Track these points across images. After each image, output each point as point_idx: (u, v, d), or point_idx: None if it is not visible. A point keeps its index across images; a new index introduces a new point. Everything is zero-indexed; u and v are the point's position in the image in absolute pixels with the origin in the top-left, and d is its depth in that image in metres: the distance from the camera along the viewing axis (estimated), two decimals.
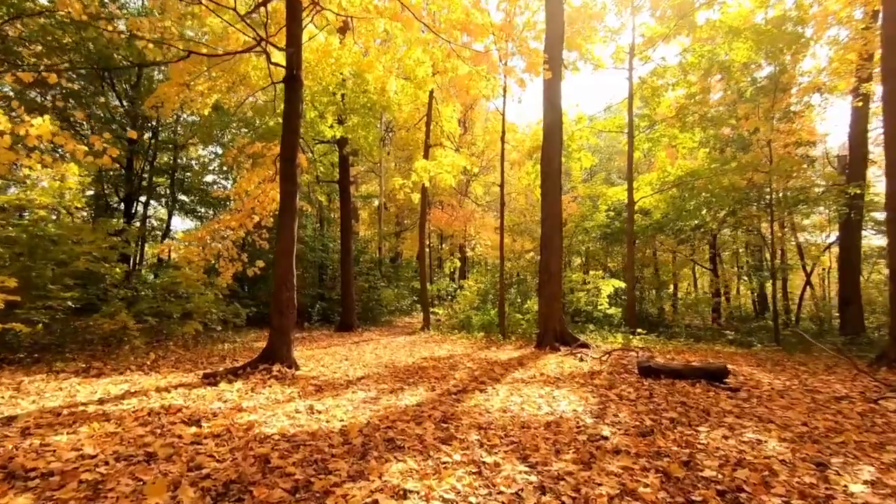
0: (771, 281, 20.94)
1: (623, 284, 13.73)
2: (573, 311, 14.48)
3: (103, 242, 10.01)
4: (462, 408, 4.90)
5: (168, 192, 18.91)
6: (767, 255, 23.32)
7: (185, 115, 17.40)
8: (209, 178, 17.70)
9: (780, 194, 15.16)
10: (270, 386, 5.68)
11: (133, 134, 6.67)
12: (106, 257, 10.25)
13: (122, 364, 7.03)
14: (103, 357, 7.47)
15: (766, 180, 14.20)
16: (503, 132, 13.09)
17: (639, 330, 11.79)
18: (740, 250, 23.03)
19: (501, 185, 12.84)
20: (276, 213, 10.42)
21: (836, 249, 19.90)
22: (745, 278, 21.74)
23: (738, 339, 12.74)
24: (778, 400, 5.25)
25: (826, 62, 14.44)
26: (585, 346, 9.84)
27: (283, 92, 7.44)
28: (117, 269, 10.08)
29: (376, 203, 25.78)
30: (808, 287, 20.18)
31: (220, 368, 6.99)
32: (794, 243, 20.95)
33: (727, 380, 6.11)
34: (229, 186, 15.90)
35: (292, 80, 7.10)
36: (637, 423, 4.38)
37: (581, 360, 8.05)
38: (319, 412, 4.66)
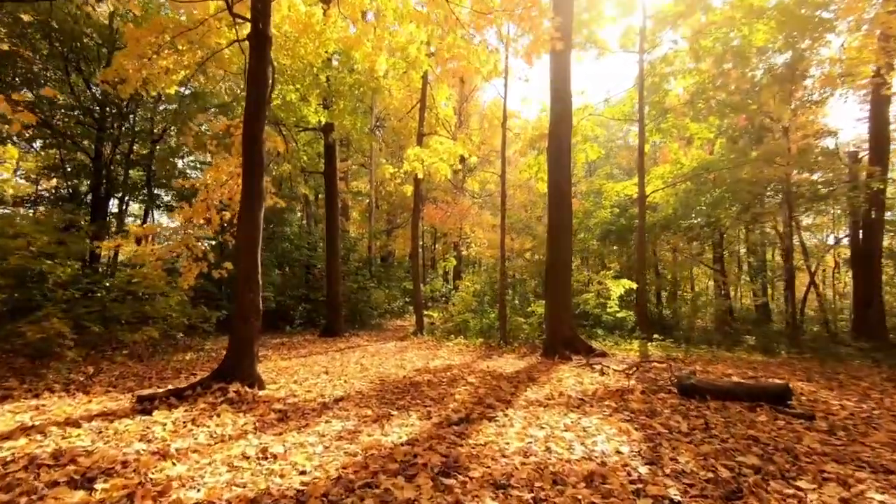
0: (786, 282, 19.96)
1: (634, 285, 12.58)
2: (579, 314, 13.31)
3: (48, 237, 8.72)
4: (468, 448, 3.68)
5: (145, 186, 17.49)
6: (769, 255, 22.41)
7: (164, 105, 16.07)
8: (182, 170, 16.23)
9: (799, 189, 14.11)
10: (219, 414, 4.42)
11: (50, 92, 5.39)
12: (53, 254, 8.96)
13: (45, 383, 5.73)
14: (27, 373, 6.15)
15: (785, 173, 13.17)
16: (504, 118, 11.91)
17: (655, 335, 10.66)
18: (742, 251, 22.06)
19: (503, 175, 11.65)
20: None
21: (839, 249, 19.05)
22: (751, 279, 20.76)
23: (761, 344, 11.63)
24: (873, 433, 4.08)
25: (841, 51, 13.44)
26: (602, 354, 8.67)
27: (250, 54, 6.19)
28: (65, 268, 8.76)
29: (367, 201, 24.50)
30: (811, 288, 19.18)
31: (168, 387, 5.72)
32: (798, 243, 19.97)
33: (790, 402, 4.96)
34: (200, 176, 14.52)
35: (259, 37, 5.86)
36: (710, 473, 3.19)
37: (602, 373, 6.87)
38: (275, 458, 3.42)
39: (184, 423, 4.16)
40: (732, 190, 13.65)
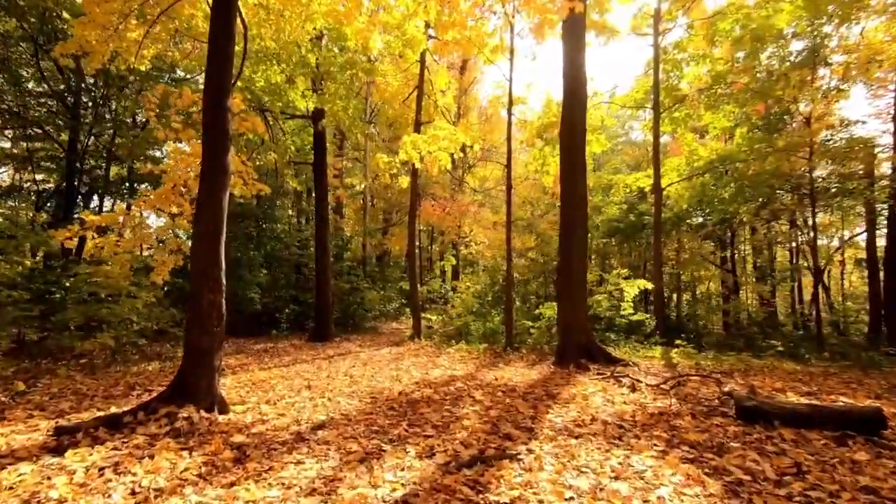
0: (798, 282, 18.99)
1: (650, 285, 11.59)
2: (590, 317, 12.30)
3: None
4: None
5: (126, 182, 16.32)
6: (780, 255, 21.47)
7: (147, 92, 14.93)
8: (157, 157, 15.10)
9: (824, 181, 13.18)
10: (153, 456, 3.34)
11: None
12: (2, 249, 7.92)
13: None
14: None
15: (810, 165, 12.25)
16: (510, 101, 10.88)
17: (677, 341, 9.64)
18: (747, 249, 21.14)
19: (508, 165, 10.61)
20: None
21: (851, 249, 18.17)
22: (759, 279, 19.84)
23: (788, 350, 10.63)
24: None
25: (860, 38, 12.56)
26: (623, 363, 7.66)
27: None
28: (14, 266, 7.70)
29: (362, 198, 23.43)
30: (818, 290, 18.29)
31: (112, 409, 4.67)
32: (806, 242, 19.08)
33: (884, 430, 3.95)
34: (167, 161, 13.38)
35: None
36: None
37: (633, 388, 5.84)
38: None
39: (101, 469, 3.09)
40: (753, 183, 12.68)
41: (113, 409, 4.72)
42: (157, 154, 15.66)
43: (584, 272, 8.60)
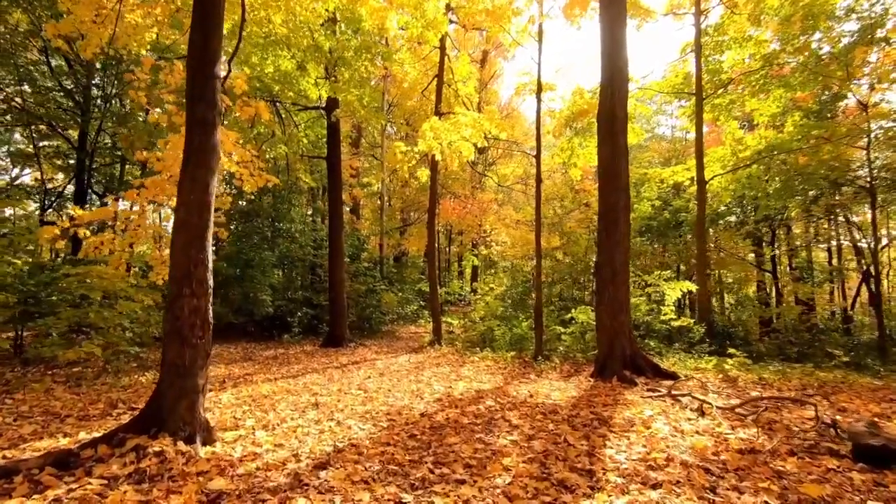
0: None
1: (693, 287, 10.51)
2: None
3: None
4: None
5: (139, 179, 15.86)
6: (820, 256, 19.96)
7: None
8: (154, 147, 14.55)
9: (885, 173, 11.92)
10: None
11: None
12: None
13: None
14: None
15: (874, 155, 11.06)
16: (539, 88, 9.93)
17: (730, 350, 8.55)
18: (780, 249, 19.69)
19: (537, 155, 9.67)
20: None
21: None
22: (802, 280, 18.39)
23: (852, 359, 9.43)
24: None
25: None
26: (674, 376, 6.67)
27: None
28: (3, 266, 7.09)
29: (379, 196, 22.71)
30: (879, 293, 16.73)
31: (82, 436, 3.92)
32: (848, 242, 17.48)
33: None
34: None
35: None
36: None
37: (702, 413, 4.84)
38: None
39: None
40: (806, 175, 11.49)
41: (82, 436, 3.97)
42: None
43: (627, 271, 7.62)
